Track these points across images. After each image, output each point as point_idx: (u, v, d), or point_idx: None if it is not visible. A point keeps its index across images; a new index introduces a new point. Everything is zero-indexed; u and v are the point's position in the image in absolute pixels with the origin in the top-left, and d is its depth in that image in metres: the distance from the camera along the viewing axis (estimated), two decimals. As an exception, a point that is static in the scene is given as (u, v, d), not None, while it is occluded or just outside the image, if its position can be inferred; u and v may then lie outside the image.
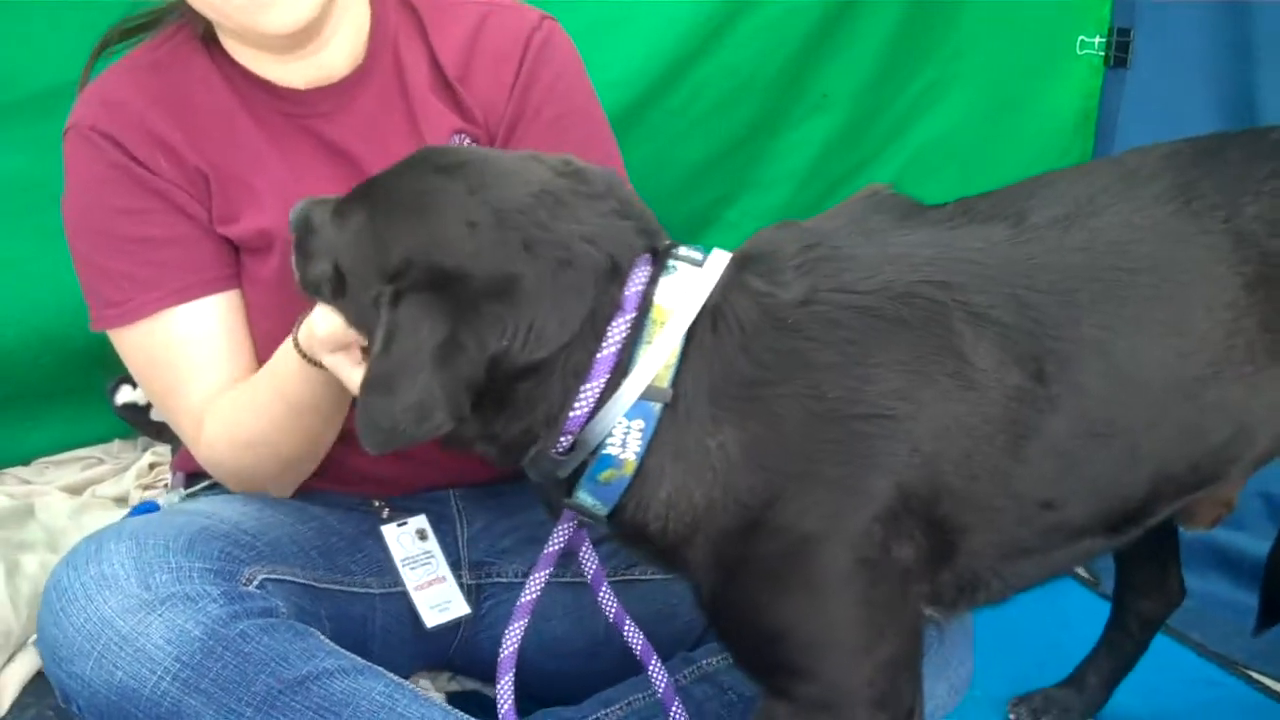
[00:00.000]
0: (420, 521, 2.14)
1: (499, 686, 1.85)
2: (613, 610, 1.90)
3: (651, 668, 1.91)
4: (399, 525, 2.12)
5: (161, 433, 2.78)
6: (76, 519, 2.65)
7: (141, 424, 2.79)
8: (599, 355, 1.59)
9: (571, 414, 1.60)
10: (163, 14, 2.07)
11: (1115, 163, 1.83)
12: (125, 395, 2.75)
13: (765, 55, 3.06)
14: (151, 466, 2.81)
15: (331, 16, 1.99)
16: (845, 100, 3.20)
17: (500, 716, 1.86)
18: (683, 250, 1.66)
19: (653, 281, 1.62)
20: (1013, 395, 1.61)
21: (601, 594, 1.90)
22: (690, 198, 3.18)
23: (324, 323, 1.73)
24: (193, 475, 2.25)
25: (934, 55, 3.25)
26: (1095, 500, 1.70)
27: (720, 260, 1.65)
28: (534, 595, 1.85)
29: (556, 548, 1.84)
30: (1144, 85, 3.25)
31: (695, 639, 2.11)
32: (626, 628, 1.90)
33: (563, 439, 1.61)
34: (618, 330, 1.59)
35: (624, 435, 1.60)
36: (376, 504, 2.15)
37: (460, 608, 2.10)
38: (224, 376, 2.01)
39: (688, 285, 1.62)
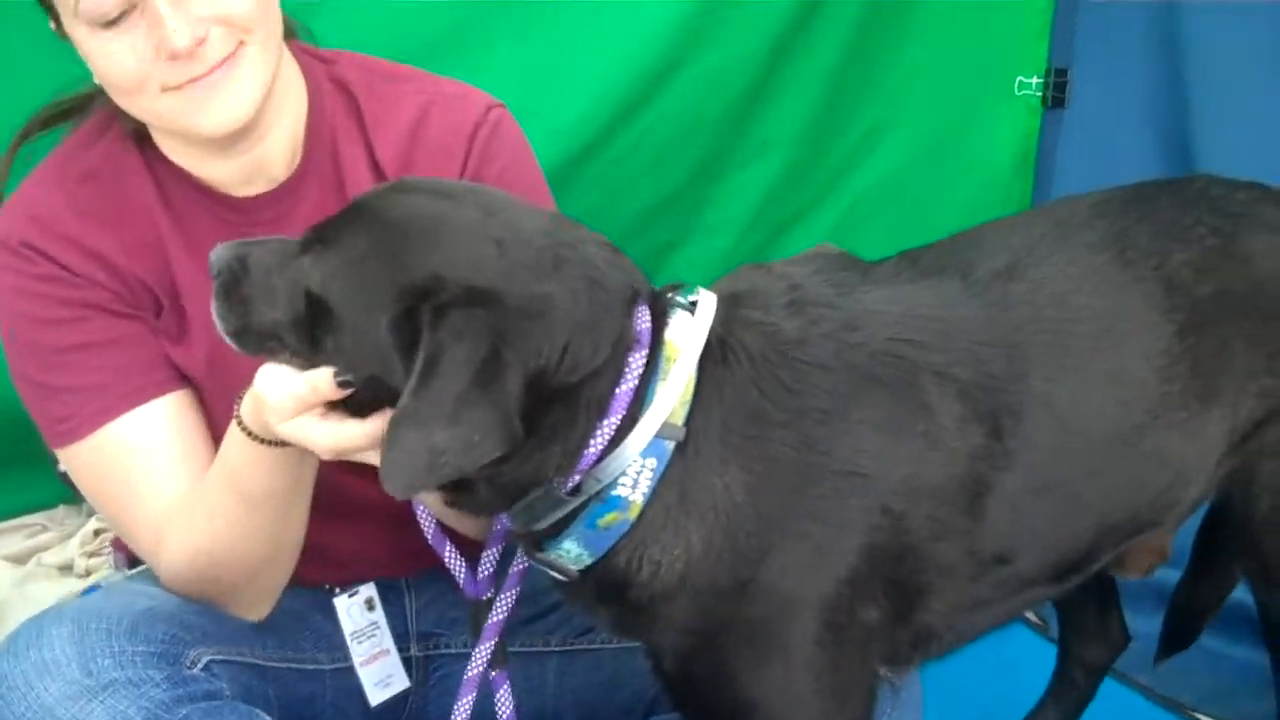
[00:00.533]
0: (369, 590, 2.12)
1: None
2: (505, 715, 1.89)
3: None
4: (350, 595, 2.10)
5: (106, 498, 2.76)
6: (21, 589, 2.63)
7: (85, 490, 2.76)
8: (619, 389, 1.55)
9: (587, 451, 1.55)
10: (86, 101, 1.99)
11: (1048, 211, 1.88)
12: (67, 462, 2.72)
13: (707, 102, 3.07)
14: (96, 533, 2.79)
15: (269, 111, 1.90)
16: (786, 146, 3.21)
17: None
18: (669, 290, 1.65)
19: (659, 317, 1.61)
20: (974, 453, 1.64)
21: (499, 695, 1.88)
22: (636, 243, 3.13)
23: (277, 386, 1.60)
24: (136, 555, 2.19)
25: (873, 99, 3.27)
26: (1044, 551, 1.73)
27: (712, 298, 1.65)
28: (479, 668, 1.83)
29: (477, 670, 1.82)
30: (1082, 125, 3.28)
31: (645, 708, 2.11)
32: None
33: (570, 478, 1.57)
34: (636, 364, 1.57)
35: (636, 475, 1.57)
36: (327, 587, 2.11)
37: (401, 682, 2.09)
38: (183, 485, 1.90)
39: (692, 321, 1.61)
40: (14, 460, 2.78)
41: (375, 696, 2.06)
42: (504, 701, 1.89)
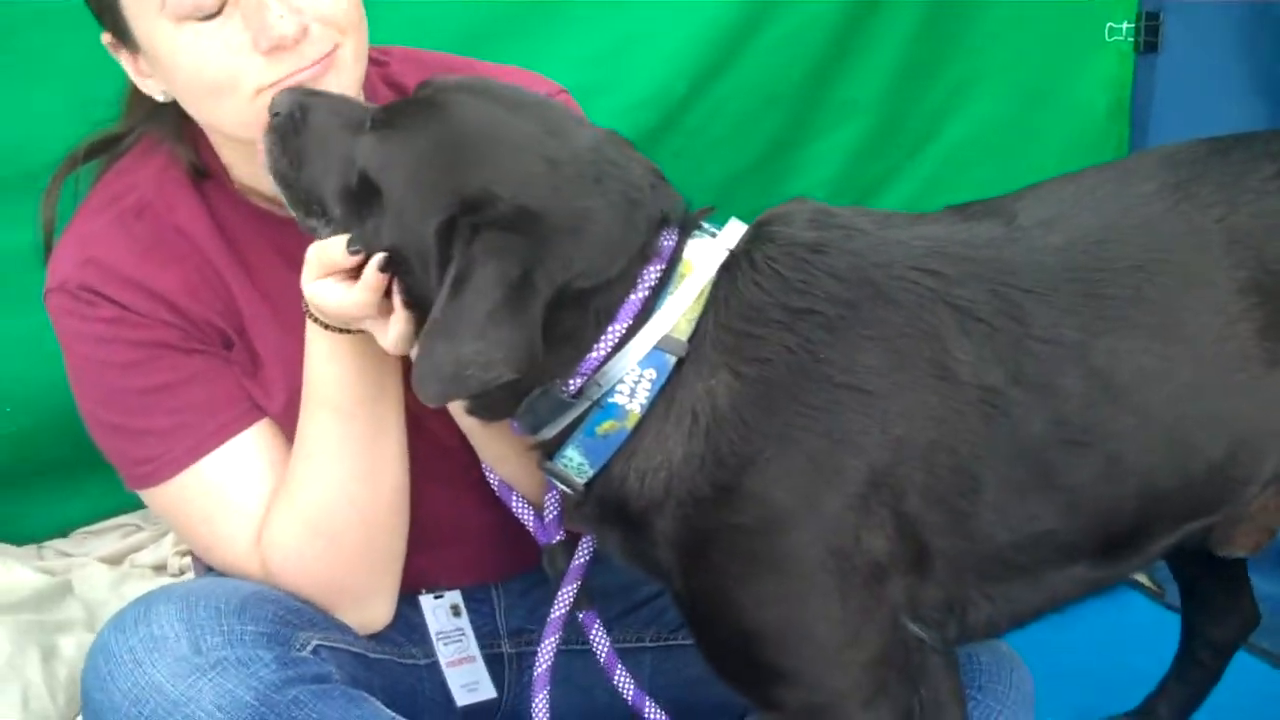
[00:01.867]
0: (455, 597, 2.08)
1: None
2: (630, 693, 1.88)
3: None
4: (435, 597, 2.06)
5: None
6: (117, 590, 2.63)
7: (178, 487, 2.76)
8: (629, 298, 1.60)
9: (590, 355, 1.60)
10: (125, 132, 1.94)
11: (1118, 164, 1.82)
12: (159, 459, 2.72)
13: (786, 67, 3.01)
14: (189, 531, 2.77)
15: None
16: (871, 106, 3.14)
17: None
18: (701, 215, 1.69)
19: (683, 237, 1.64)
20: (988, 393, 1.60)
21: (617, 677, 1.87)
22: (720, 215, 3.12)
23: (311, 249, 1.68)
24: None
25: (958, 53, 3.18)
26: (1078, 515, 1.65)
27: (739, 226, 1.68)
28: (547, 665, 1.83)
29: (561, 612, 1.83)
30: (1176, 70, 3.18)
31: (741, 707, 2.05)
32: (647, 710, 1.89)
33: (573, 381, 1.61)
34: (649, 276, 1.61)
35: (634, 384, 1.60)
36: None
37: (488, 691, 2.06)
38: (263, 511, 1.86)
39: (713, 243, 1.65)
40: (103, 464, 2.77)
41: (462, 698, 2.03)
42: (599, 641, 1.88)
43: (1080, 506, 1.64)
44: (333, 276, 1.66)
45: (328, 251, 1.65)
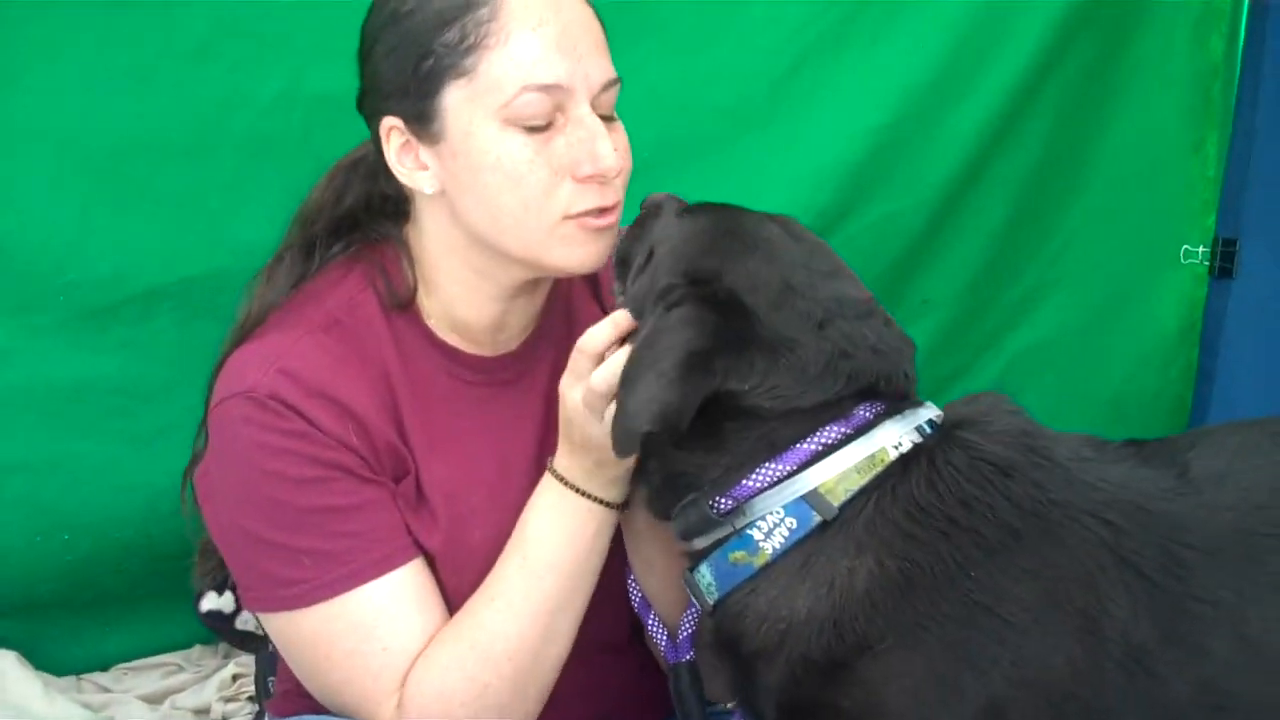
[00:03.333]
0: None
1: None
2: None
3: None
4: None
5: (245, 642, 2.69)
6: (156, 731, 2.56)
7: (225, 632, 2.69)
8: (801, 444, 1.62)
9: (746, 480, 1.63)
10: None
11: (1269, 422, 1.79)
12: (210, 602, 2.65)
13: (866, 261, 2.99)
14: (235, 678, 2.72)
15: None
16: (946, 305, 3.15)
17: None
18: (911, 396, 1.72)
19: (882, 414, 1.66)
20: (1135, 650, 1.57)
21: None
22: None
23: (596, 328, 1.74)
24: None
25: (1035, 259, 3.20)
26: None
27: (935, 412, 1.71)
28: None
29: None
30: (1251, 297, 3.19)
31: None
32: None
33: (724, 500, 1.64)
34: (830, 433, 1.63)
35: (773, 525, 1.62)
36: None
37: None
38: (422, 644, 1.82)
39: (904, 426, 1.65)
40: (151, 597, 2.76)
41: None
42: None
43: None
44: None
45: (615, 319, 1.72)
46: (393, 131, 1.82)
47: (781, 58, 2.82)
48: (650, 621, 1.88)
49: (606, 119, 1.80)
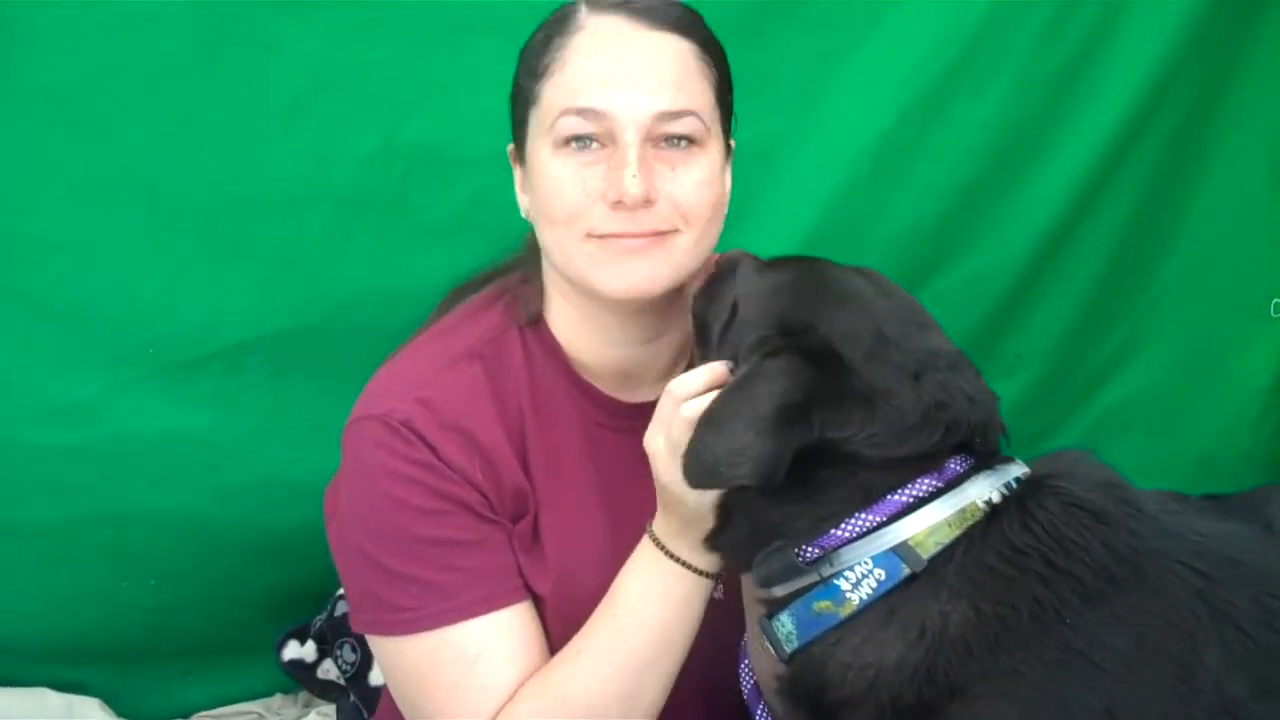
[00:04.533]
0: None
1: None
2: None
3: None
4: None
5: (326, 691, 2.70)
6: (234, 781, 2.56)
7: (307, 681, 2.71)
8: (893, 496, 1.61)
9: (835, 530, 1.62)
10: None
11: None
12: (293, 651, 2.68)
13: (958, 316, 2.96)
14: (315, 727, 2.70)
15: (675, 310, 1.92)
16: (1038, 360, 3.11)
17: None
18: (1001, 454, 1.71)
19: (973, 468, 1.65)
20: (1229, 704, 1.56)
21: None
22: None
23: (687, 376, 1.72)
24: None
25: (1127, 314, 3.16)
26: None
27: (1022, 469, 1.69)
28: None
29: None
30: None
31: None
32: None
33: (811, 549, 1.63)
34: (921, 486, 1.62)
35: (861, 576, 1.61)
36: None
37: None
38: (510, 693, 1.83)
39: (995, 481, 1.64)
40: (232, 646, 2.76)
41: None
42: None
43: None
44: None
45: (712, 369, 1.71)
46: (511, 156, 1.96)
47: (886, 113, 2.80)
48: (760, 712, 1.84)
49: (671, 151, 1.84)
